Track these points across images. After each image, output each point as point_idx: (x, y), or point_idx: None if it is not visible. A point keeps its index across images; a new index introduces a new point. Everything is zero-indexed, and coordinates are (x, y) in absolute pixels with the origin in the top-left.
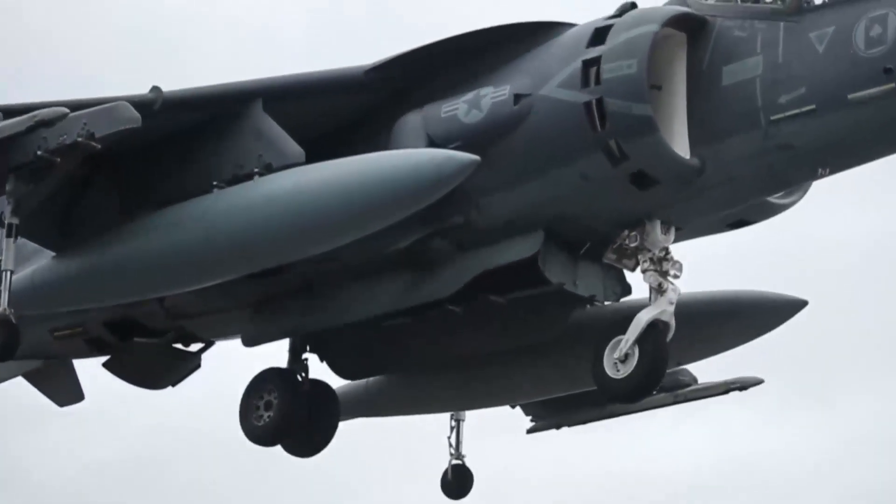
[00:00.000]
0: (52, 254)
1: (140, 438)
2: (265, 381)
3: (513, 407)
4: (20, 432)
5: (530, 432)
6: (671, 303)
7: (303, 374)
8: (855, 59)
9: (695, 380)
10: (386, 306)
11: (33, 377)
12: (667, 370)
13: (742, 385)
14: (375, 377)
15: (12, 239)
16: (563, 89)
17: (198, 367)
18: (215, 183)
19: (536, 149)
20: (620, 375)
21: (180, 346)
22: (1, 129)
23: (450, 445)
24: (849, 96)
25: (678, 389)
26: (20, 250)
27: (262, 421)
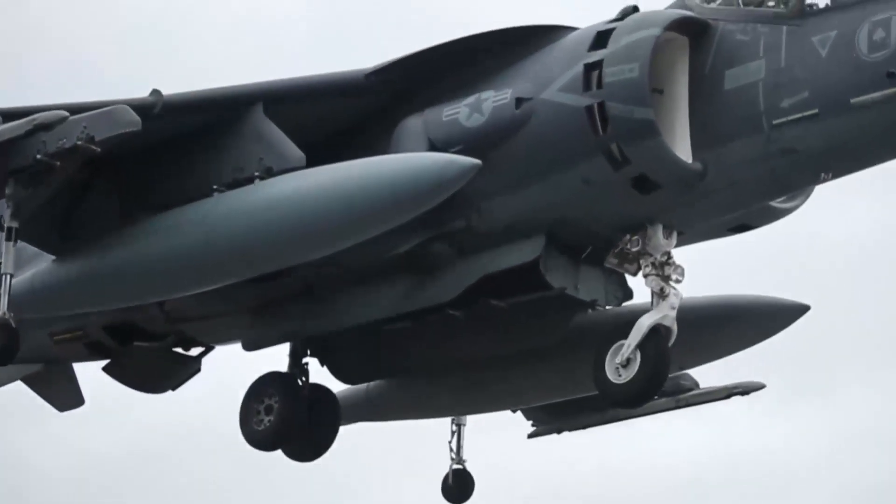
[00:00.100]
0: (52, 257)
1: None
2: (266, 386)
3: (514, 411)
4: (18, 436)
5: (531, 437)
6: (673, 307)
7: (303, 379)
8: (858, 63)
9: (696, 384)
10: (387, 310)
11: (33, 381)
12: (668, 375)
13: (744, 390)
14: (376, 381)
15: (12, 242)
16: (565, 93)
17: (198, 372)
18: (215, 187)
19: (538, 153)
20: (622, 380)
21: (180, 351)
22: (0, 133)
23: (450, 450)
24: (851, 100)
25: (680, 394)
26: (20, 254)
27: (263, 425)
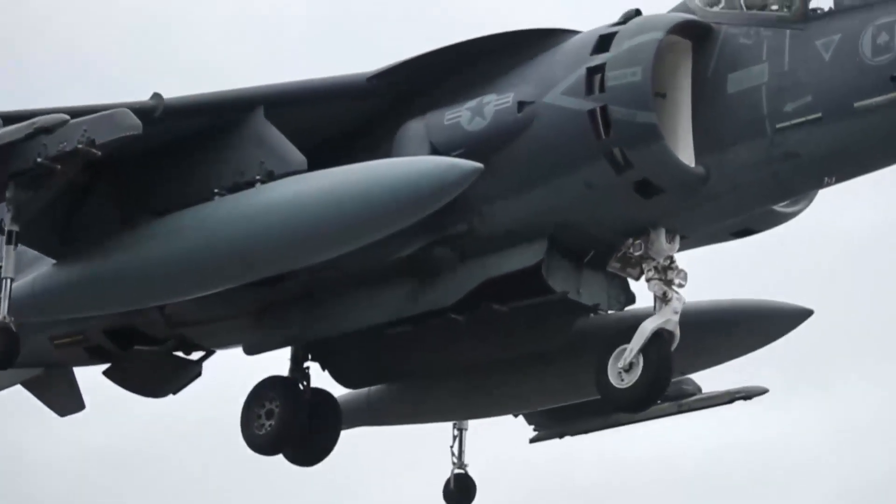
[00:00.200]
0: (53, 261)
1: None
2: (266, 390)
3: (515, 416)
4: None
5: (533, 442)
6: (676, 312)
7: (304, 383)
8: (861, 67)
9: (699, 389)
10: (388, 315)
11: (33, 386)
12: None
13: (747, 394)
14: (377, 386)
15: (12, 246)
16: (567, 97)
17: (198, 376)
18: (216, 190)
19: (540, 157)
20: (624, 385)
21: (181, 355)
22: (1, 136)
23: (452, 454)
24: (855, 104)
25: (682, 399)
26: (20, 258)
27: (264, 430)
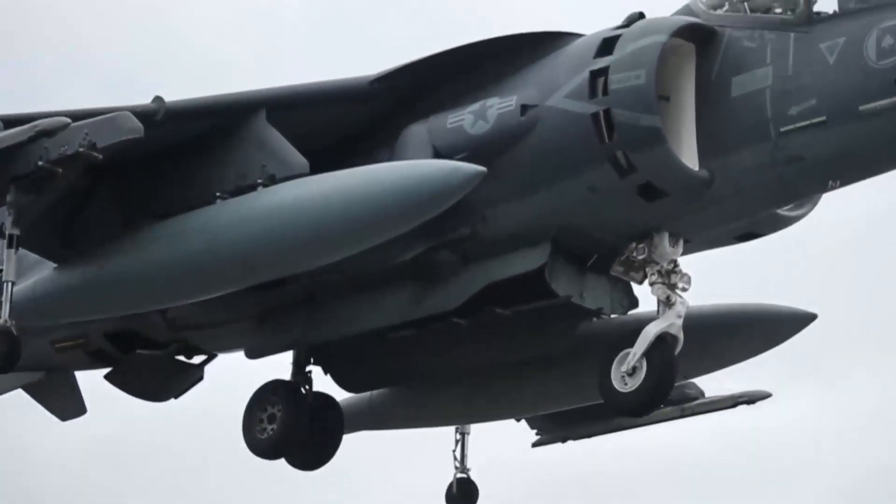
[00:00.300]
0: (54, 265)
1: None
2: (269, 394)
3: (518, 420)
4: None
5: (536, 446)
6: (679, 316)
7: (306, 387)
8: (866, 70)
9: (702, 393)
10: (391, 318)
11: (34, 390)
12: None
13: (750, 399)
14: (380, 390)
15: (13, 250)
16: (571, 100)
17: (200, 380)
18: (218, 194)
19: (543, 160)
20: (628, 389)
21: (183, 359)
22: (1, 140)
23: (455, 458)
24: (860, 108)
25: (685, 403)
26: (21, 261)
27: (266, 434)
